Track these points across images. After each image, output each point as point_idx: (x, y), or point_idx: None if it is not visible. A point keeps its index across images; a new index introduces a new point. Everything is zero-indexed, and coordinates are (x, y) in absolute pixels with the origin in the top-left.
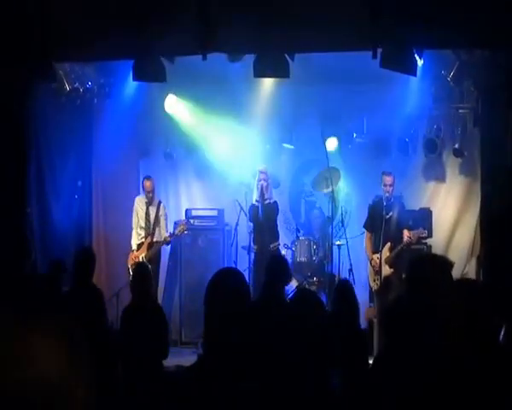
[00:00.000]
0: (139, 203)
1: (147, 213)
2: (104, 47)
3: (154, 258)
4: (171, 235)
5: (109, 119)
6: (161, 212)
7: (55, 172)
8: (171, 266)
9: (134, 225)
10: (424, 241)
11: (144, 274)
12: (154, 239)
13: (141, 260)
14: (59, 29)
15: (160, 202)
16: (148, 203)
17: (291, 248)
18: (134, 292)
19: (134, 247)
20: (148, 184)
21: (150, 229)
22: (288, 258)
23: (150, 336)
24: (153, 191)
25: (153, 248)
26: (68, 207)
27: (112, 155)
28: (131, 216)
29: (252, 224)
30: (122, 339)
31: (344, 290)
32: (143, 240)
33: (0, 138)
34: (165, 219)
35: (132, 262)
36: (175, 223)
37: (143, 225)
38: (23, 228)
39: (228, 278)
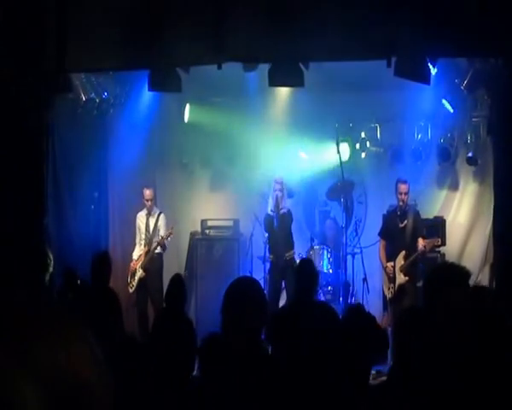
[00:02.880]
0: (140, 218)
1: (147, 225)
2: (120, 57)
3: (151, 266)
4: (162, 238)
5: (125, 129)
6: (160, 222)
7: (72, 184)
8: (187, 277)
9: (137, 240)
10: (438, 249)
11: (179, 286)
12: (152, 248)
13: (138, 268)
14: (75, 40)
15: (160, 213)
16: (148, 215)
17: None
18: (167, 303)
19: (135, 257)
20: (148, 192)
21: (149, 239)
22: None
23: (177, 348)
24: (152, 200)
25: (148, 255)
26: (85, 218)
27: (128, 166)
28: None
29: (267, 234)
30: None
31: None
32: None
33: (17, 150)
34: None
35: (131, 271)
36: (191, 234)
37: (144, 236)
38: (41, 239)
39: (245, 286)
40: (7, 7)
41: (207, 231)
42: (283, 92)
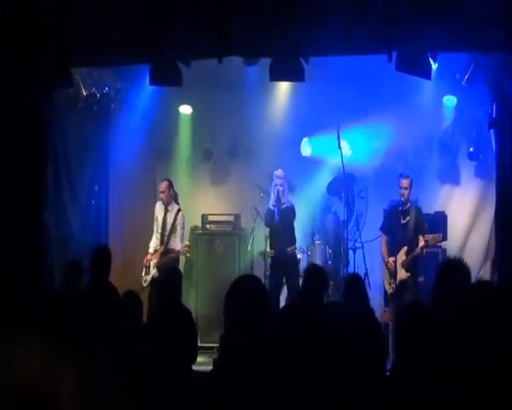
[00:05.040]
0: (158, 209)
1: (164, 220)
2: (121, 52)
3: (166, 266)
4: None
5: (126, 123)
6: (178, 220)
7: (73, 178)
8: (188, 271)
9: (155, 230)
10: (439, 244)
11: (173, 279)
12: (168, 247)
13: (151, 265)
14: (76, 34)
15: (179, 210)
16: (166, 209)
17: (306, 253)
18: (162, 296)
19: (151, 250)
20: (161, 185)
21: (165, 237)
22: (304, 262)
23: (178, 339)
24: (163, 192)
25: (165, 256)
26: (85, 212)
27: (129, 160)
28: (148, 221)
29: (268, 228)
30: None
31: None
32: (158, 247)
33: (18, 145)
34: (182, 229)
35: (145, 264)
36: (191, 229)
37: (160, 231)
38: (40, 233)
39: (246, 286)
40: (7, 6)
41: (208, 226)
42: (284, 86)
